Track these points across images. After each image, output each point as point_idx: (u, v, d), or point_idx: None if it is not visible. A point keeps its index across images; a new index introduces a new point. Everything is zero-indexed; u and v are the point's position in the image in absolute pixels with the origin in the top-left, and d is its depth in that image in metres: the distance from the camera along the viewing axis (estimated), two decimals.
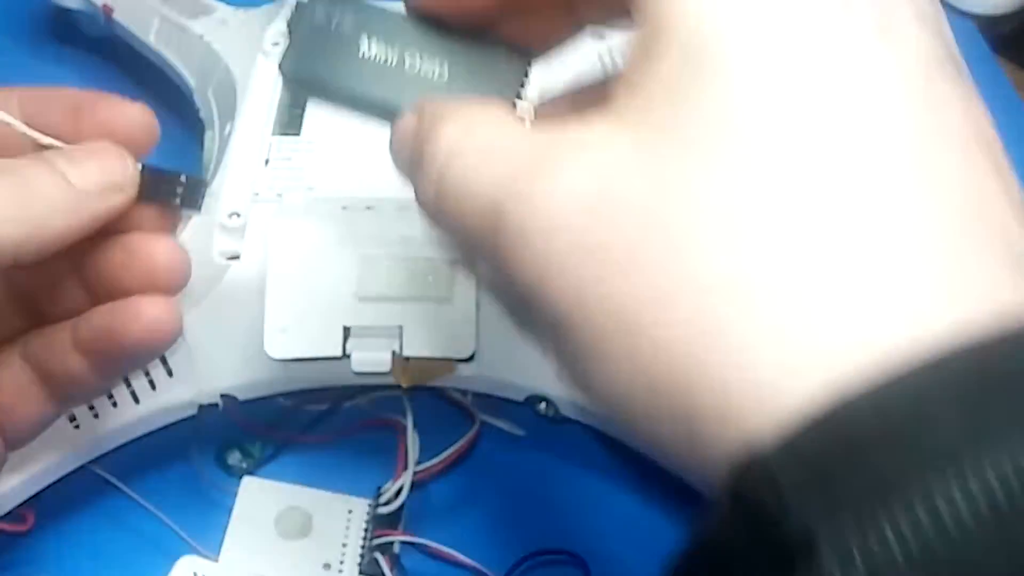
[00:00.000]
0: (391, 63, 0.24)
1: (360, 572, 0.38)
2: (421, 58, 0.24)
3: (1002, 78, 0.61)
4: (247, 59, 0.47)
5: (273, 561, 0.38)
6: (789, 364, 0.14)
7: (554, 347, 0.18)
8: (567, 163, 0.17)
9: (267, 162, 0.42)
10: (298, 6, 0.24)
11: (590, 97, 0.23)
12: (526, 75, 0.24)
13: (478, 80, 0.24)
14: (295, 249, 0.38)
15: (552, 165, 0.17)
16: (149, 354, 0.30)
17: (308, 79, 0.25)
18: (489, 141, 0.19)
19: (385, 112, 0.24)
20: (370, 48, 0.24)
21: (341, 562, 0.38)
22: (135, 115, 0.26)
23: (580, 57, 0.49)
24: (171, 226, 0.29)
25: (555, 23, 0.25)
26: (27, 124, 0.25)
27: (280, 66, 0.24)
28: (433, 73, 0.24)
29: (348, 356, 0.37)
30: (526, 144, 0.18)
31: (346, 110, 0.25)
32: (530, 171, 0.17)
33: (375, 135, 0.43)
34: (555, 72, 0.47)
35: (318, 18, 0.24)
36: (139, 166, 0.26)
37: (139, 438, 0.37)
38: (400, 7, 0.25)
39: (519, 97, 0.24)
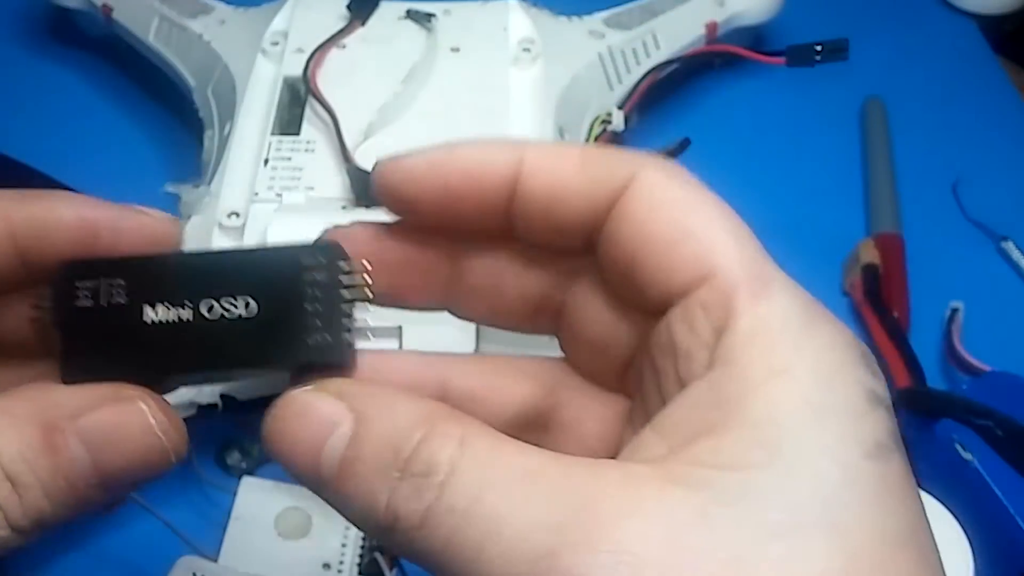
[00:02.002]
0: (186, 319, 0.19)
1: (360, 572, 0.38)
2: (218, 299, 0.20)
3: (1003, 78, 0.61)
4: (246, 58, 0.47)
5: (272, 561, 0.38)
6: None
7: None
8: (626, 519, 0.16)
9: (266, 162, 0.42)
10: (53, 291, 0.20)
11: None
12: (346, 273, 0.20)
13: (294, 303, 0.20)
14: None
15: (608, 519, 0.16)
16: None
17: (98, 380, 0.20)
18: (518, 472, 0.17)
19: (205, 378, 0.20)
20: (155, 311, 0.20)
21: (341, 562, 0.38)
22: (161, 231, 0.21)
23: (579, 55, 0.49)
24: None
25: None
26: (22, 259, 0.20)
27: (62, 378, 0.19)
28: (239, 311, 0.20)
29: None
30: (565, 482, 0.17)
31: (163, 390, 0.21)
32: (584, 521, 0.16)
33: (374, 136, 0.43)
34: (554, 72, 0.47)
35: (83, 300, 0.20)
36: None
37: None
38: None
39: (348, 304, 0.20)
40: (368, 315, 0.20)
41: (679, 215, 0.19)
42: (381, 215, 0.22)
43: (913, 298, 0.47)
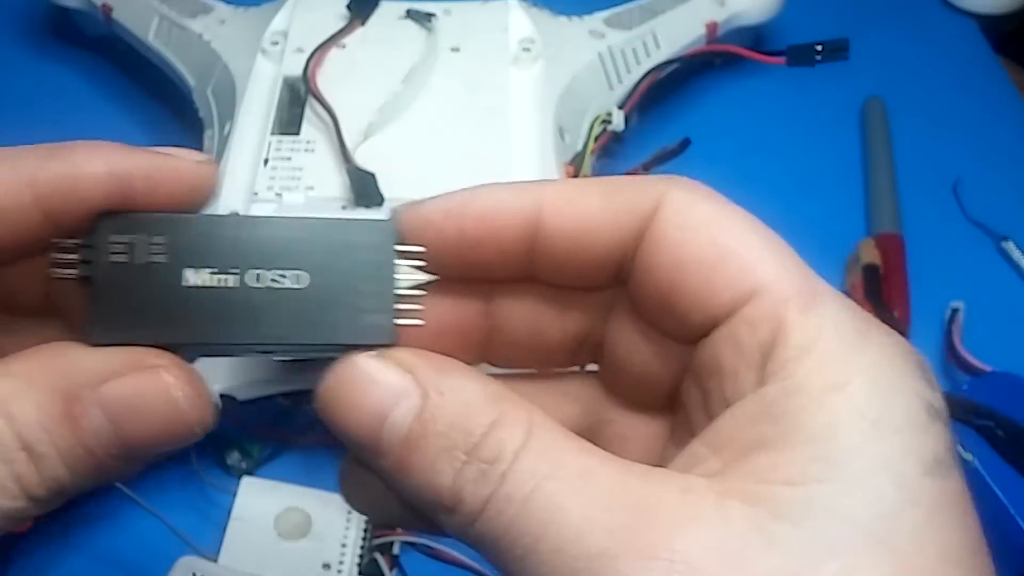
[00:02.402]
0: (230, 285, 0.19)
1: (360, 572, 0.38)
2: (267, 268, 0.19)
3: (1003, 77, 0.61)
4: (246, 58, 0.47)
5: (272, 561, 0.38)
6: None
7: None
8: (684, 528, 0.16)
9: (266, 162, 0.42)
10: (86, 244, 0.19)
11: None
12: (398, 255, 0.20)
13: (345, 280, 0.19)
14: None
15: (666, 526, 0.16)
16: None
17: (126, 343, 0.19)
18: (578, 469, 0.17)
19: (241, 350, 0.20)
20: (197, 275, 0.19)
21: (341, 562, 0.38)
22: (198, 175, 0.20)
23: (579, 55, 0.49)
24: None
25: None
26: (51, 221, 0.19)
27: (85, 336, 0.18)
28: (286, 283, 0.19)
29: None
30: (623, 484, 0.17)
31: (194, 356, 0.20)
32: (642, 525, 0.16)
33: (374, 136, 0.43)
34: (554, 72, 0.47)
35: (117, 255, 0.18)
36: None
37: None
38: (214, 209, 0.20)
39: (396, 288, 0.19)
40: (418, 299, 0.20)
41: (714, 235, 0.19)
42: (381, 214, 0.21)
43: (913, 298, 0.47)
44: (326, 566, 0.38)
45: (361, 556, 0.39)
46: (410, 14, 0.48)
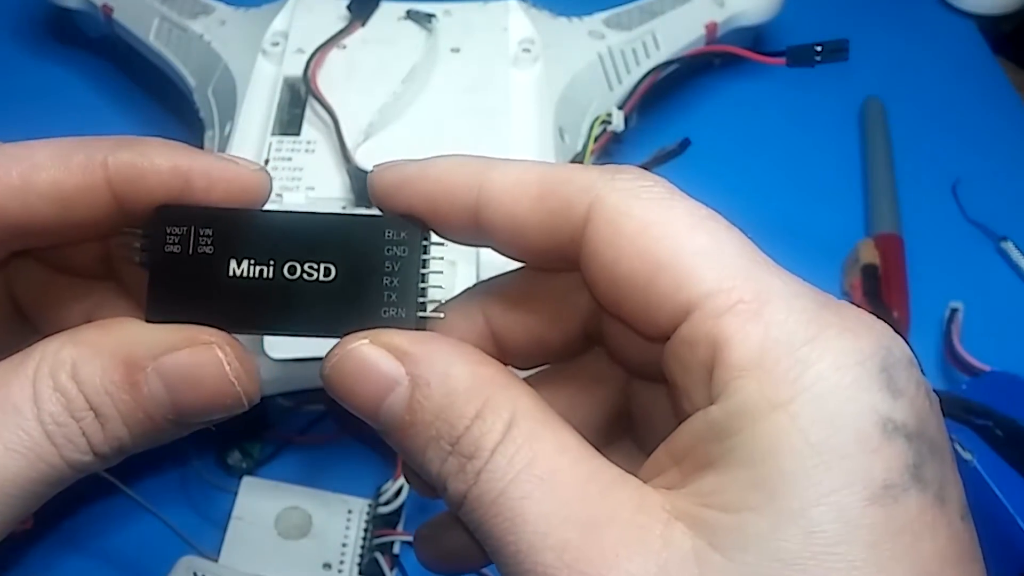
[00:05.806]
0: (267, 276, 0.20)
1: (360, 572, 0.38)
2: (300, 262, 0.20)
3: (1002, 78, 0.61)
4: (246, 59, 0.47)
5: (273, 561, 0.38)
6: None
7: None
8: (627, 551, 0.17)
9: (267, 162, 0.42)
10: (146, 234, 0.21)
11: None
12: (424, 251, 0.21)
13: (372, 275, 0.20)
14: None
15: (611, 550, 0.17)
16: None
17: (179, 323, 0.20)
18: (546, 470, 0.18)
19: (276, 335, 0.21)
20: (239, 266, 0.20)
21: (341, 562, 0.39)
22: (252, 181, 0.21)
23: (579, 56, 0.49)
24: None
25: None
26: (119, 204, 0.21)
27: (146, 317, 0.20)
28: (318, 276, 0.20)
29: None
30: (582, 493, 0.18)
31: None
32: (587, 545, 0.17)
33: (375, 136, 0.43)
34: (554, 73, 0.47)
35: (172, 245, 0.20)
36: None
37: None
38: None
39: (423, 281, 0.20)
40: (441, 293, 0.21)
41: (645, 247, 0.18)
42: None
43: (913, 298, 0.47)
44: (327, 566, 0.38)
45: (361, 555, 0.39)
46: (410, 15, 0.48)
